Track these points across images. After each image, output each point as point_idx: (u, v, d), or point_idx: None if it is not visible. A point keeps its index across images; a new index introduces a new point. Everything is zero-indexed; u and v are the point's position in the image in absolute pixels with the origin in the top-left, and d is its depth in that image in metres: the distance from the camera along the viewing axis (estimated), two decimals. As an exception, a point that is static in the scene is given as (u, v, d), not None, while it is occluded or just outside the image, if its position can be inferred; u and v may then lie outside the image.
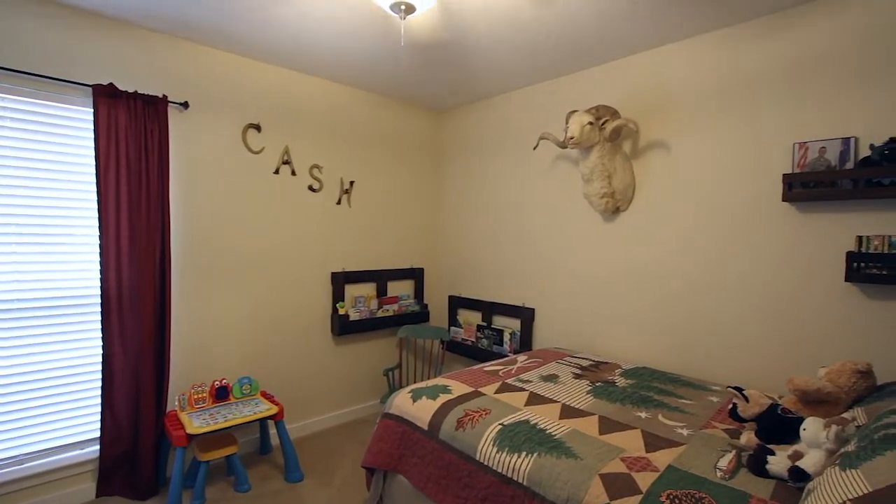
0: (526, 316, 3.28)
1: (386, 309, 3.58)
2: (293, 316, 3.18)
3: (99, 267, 2.30)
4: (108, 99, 2.28)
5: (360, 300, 3.45)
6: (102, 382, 2.34)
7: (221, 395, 2.61)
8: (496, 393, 2.08)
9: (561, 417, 1.81)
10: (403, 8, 1.89)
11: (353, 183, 3.44)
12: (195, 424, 2.33)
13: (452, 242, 3.95)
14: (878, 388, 1.66)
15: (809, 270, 2.09)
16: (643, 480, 1.36)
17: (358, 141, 3.46)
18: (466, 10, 2.19)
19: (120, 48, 2.40)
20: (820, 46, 2.06)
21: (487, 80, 3.18)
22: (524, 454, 1.57)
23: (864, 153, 1.91)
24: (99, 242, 2.29)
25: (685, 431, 1.68)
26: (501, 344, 3.37)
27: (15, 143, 2.17)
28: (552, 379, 2.29)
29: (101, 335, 2.32)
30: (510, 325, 3.42)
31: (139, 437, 2.41)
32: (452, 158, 3.94)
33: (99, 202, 2.27)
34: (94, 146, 2.25)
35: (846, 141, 1.95)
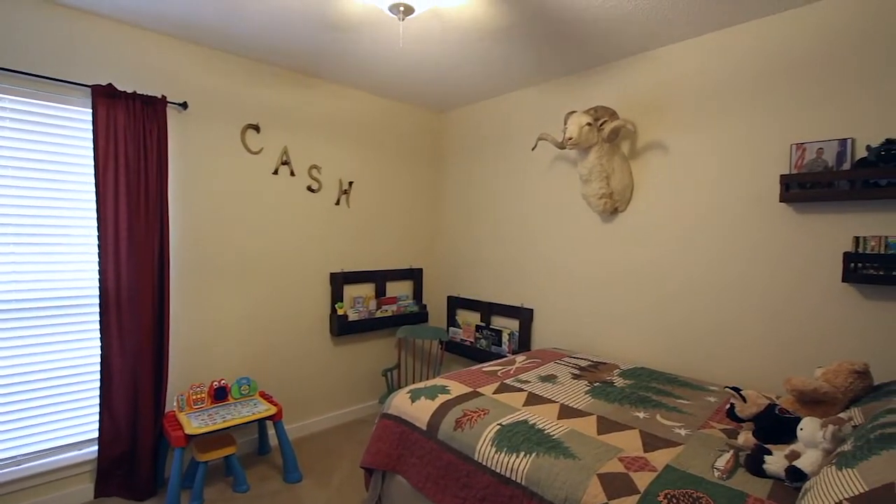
0: (524, 316, 3.29)
1: (385, 309, 3.59)
2: (292, 316, 3.18)
3: (97, 267, 2.30)
4: (106, 99, 2.28)
5: (358, 300, 3.45)
6: (101, 383, 2.33)
7: (220, 395, 2.61)
8: (495, 393, 2.08)
9: (559, 417, 1.82)
10: (402, 9, 1.89)
11: (351, 183, 3.44)
12: (194, 425, 2.33)
13: (451, 243, 3.95)
14: (874, 388, 1.67)
15: (807, 271, 2.10)
16: (641, 480, 1.36)
17: (357, 141, 3.46)
18: (465, 11, 2.19)
19: (119, 48, 2.40)
20: (817, 48, 2.07)
21: (486, 80, 3.18)
22: (522, 454, 1.57)
23: (860, 154, 1.92)
24: (97, 242, 2.29)
25: (683, 431, 1.69)
26: (500, 344, 3.37)
27: (14, 143, 2.17)
28: (551, 379, 2.29)
29: (99, 335, 2.32)
30: (509, 325, 3.42)
31: (138, 437, 2.41)
32: (451, 159, 3.94)
33: (98, 202, 2.27)
34: (92, 146, 2.25)
35: (843, 142, 1.96)
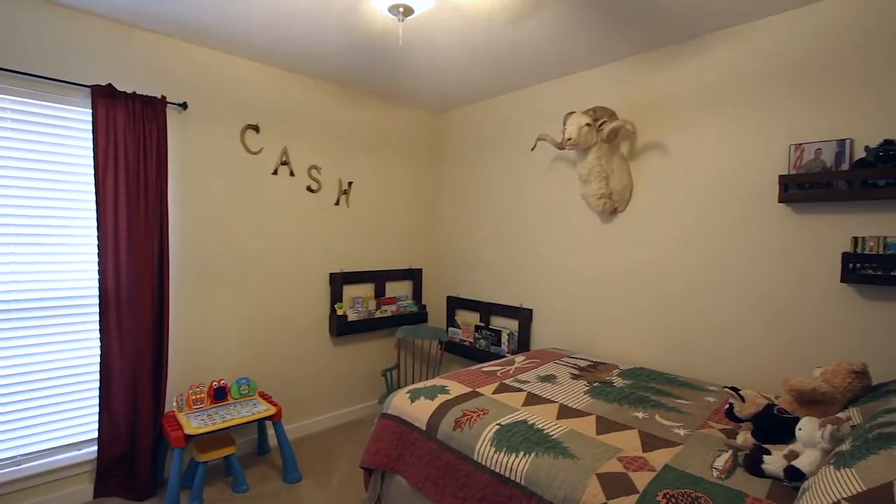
0: (524, 316, 3.29)
1: (384, 309, 3.59)
2: (291, 316, 3.18)
3: (97, 267, 2.30)
4: (106, 99, 2.28)
5: (358, 301, 3.45)
6: (100, 383, 2.33)
7: (219, 395, 2.61)
8: (494, 393, 2.08)
9: (558, 417, 1.82)
10: (402, 10, 1.90)
11: (351, 184, 3.44)
12: (193, 425, 2.33)
13: (451, 243, 3.95)
14: (873, 388, 1.67)
15: (805, 271, 2.11)
16: (640, 480, 1.37)
17: (356, 142, 3.47)
18: (464, 12, 2.20)
19: (119, 49, 2.40)
20: (816, 49, 2.07)
21: (485, 81, 3.18)
22: (521, 454, 1.57)
23: (859, 155, 1.92)
24: (97, 242, 2.29)
25: (682, 431, 1.69)
26: (499, 344, 3.37)
27: (14, 143, 2.17)
28: (550, 379, 2.29)
29: (98, 335, 2.32)
30: (508, 325, 3.42)
31: (137, 437, 2.41)
32: (451, 159, 3.95)
33: (97, 202, 2.27)
34: (92, 146, 2.25)
35: (841, 143, 1.97)
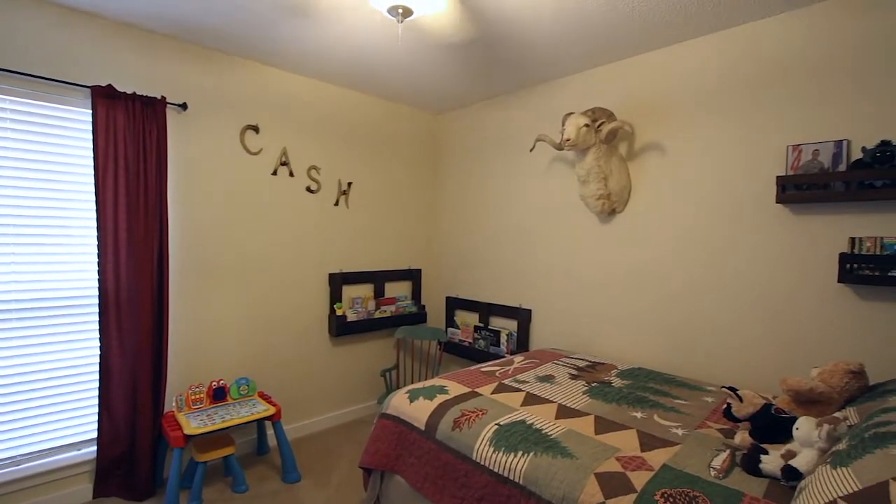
0: (523, 317, 3.29)
1: (383, 310, 3.59)
2: (291, 317, 3.18)
3: (97, 267, 2.30)
4: (106, 100, 2.28)
5: (357, 301, 3.46)
6: (100, 383, 2.34)
7: (219, 395, 2.62)
8: (493, 393, 2.09)
9: (557, 417, 1.82)
10: (401, 11, 1.90)
11: (350, 184, 3.45)
12: (193, 425, 2.34)
13: (450, 243, 3.96)
14: (870, 388, 1.68)
15: (803, 272, 2.11)
16: (638, 479, 1.37)
17: (356, 142, 3.47)
18: (463, 13, 2.20)
19: (119, 49, 2.41)
20: (813, 50, 2.08)
21: (484, 82, 3.19)
22: (520, 454, 1.57)
23: (856, 156, 1.93)
24: (97, 243, 2.29)
25: (680, 431, 1.69)
26: (498, 345, 3.38)
27: (14, 143, 2.17)
28: (548, 379, 2.30)
29: (98, 335, 2.33)
30: (507, 326, 3.43)
31: (136, 437, 2.41)
32: (450, 160, 3.95)
33: (97, 203, 2.27)
34: (92, 147, 2.26)
35: (839, 144, 1.98)
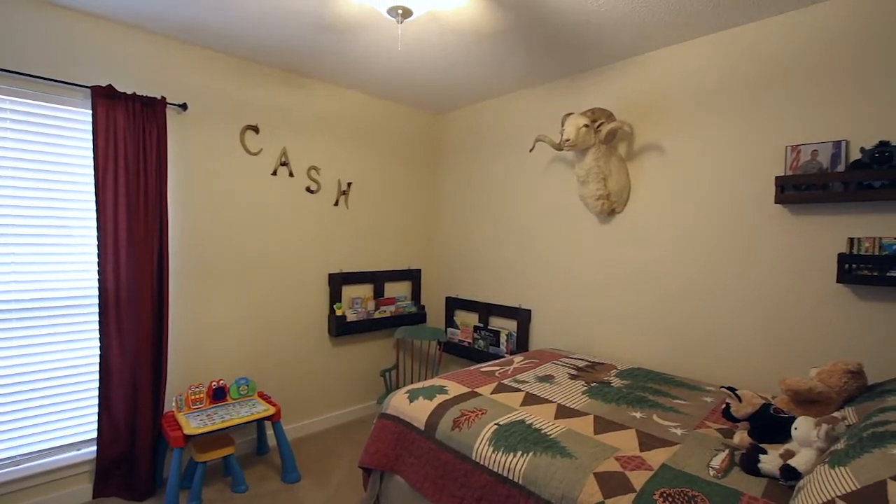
0: (522, 317, 3.30)
1: (383, 310, 3.60)
2: (291, 317, 3.18)
3: (97, 267, 2.30)
4: (106, 100, 2.29)
5: (357, 301, 3.46)
6: (100, 383, 2.34)
7: (219, 395, 2.62)
8: (492, 393, 2.09)
9: (556, 417, 1.82)
10: (401, 12, 1.91)
11: (350, 184, 3.45)
12: (192, 425, 2.34)
13: (450, 244, 3.96)
14: (868, 387, 1.68)
15: (802, 272, 2.12)
16: (637, 479, 1.37)
17: (356, 142, 3.48)
18: (463, 14, 2.21)
19: (119, 50, 2.41)
20: (812, 51, 2.08)
21: (484, 82, 3.20)
22: (519, 454, 1.58)
23: (854, 156, 1.94)
24: (97, 243, 2.29)
25: (679, 431, 1.70)
26: (498, 345, 3.38)
27: (14, 143, 2.18)
28: (548, 379, 2.30)
29: (98, 335, 2.33)
30: (507, 326, 3.43)
31: (136, 437, 2.42)
32: (449, 160, 3.96)
33: (97, 203, 2.28)
34: (92, 147, 2.26)
35: (837, 144, 1.98)
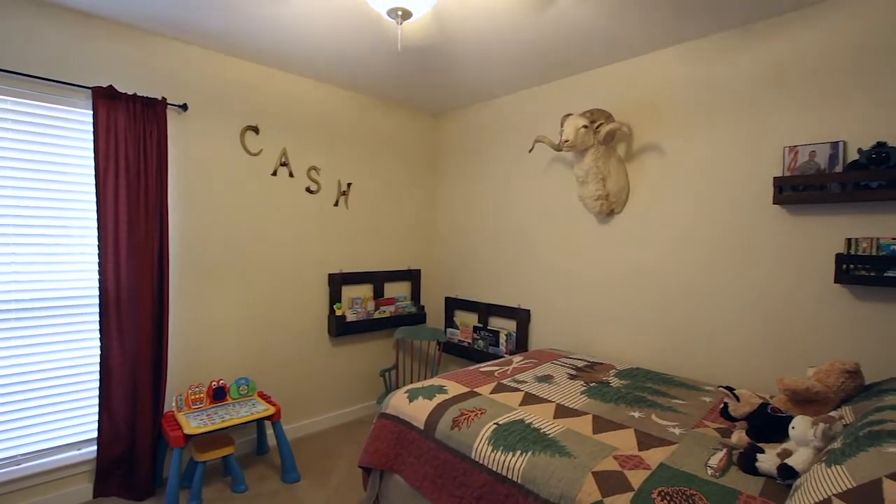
0: (522, 317, 3.30)
1: (383, 310, 3.60)
2: (290, 317, 3.19)
3: (97, 267, 2.31)
4: (107, 101, 2.29)
5: (356, 301, 3.46)
6: (100, 383, 2.34)
7: (219, 395, 2.62)
8: (492, 393, 2.10)
9: (555, 417, 1.83)
10: (400, 14, 1.91)
11: (350, 185, 3.46)
12: (192, 425, 2.34)
13: (449, 244, 3.97)
14: (865, 387, 1.69)
15: (800, 272, 2.13)
16: (635, 478, 1.38)
17: (355, 143, 3.48)
18: (462, 15, 2.22)
19: (119, 51, 2.42)
20: (810, 53, 2.09)
21: (484, 83, 3.21)
22: (519, 453, 1.58)
23: (852, 157, 1.95)
24: (98, 243, 2.30)
25: (677, 430, 1.71)
26: (497, 345, 3.39)
27: (15, 144, 2.18)
28: (547, 379, 2.31)
29: (98, 335, 2.33)
30: (506, 326, 3.44)
31: (136, 437, 2.42)
32: (449, 160, 3.96)
33: (98, 203, 2.28)
34: (93, 147, 2.27)
35: (835, 145, 1.99)
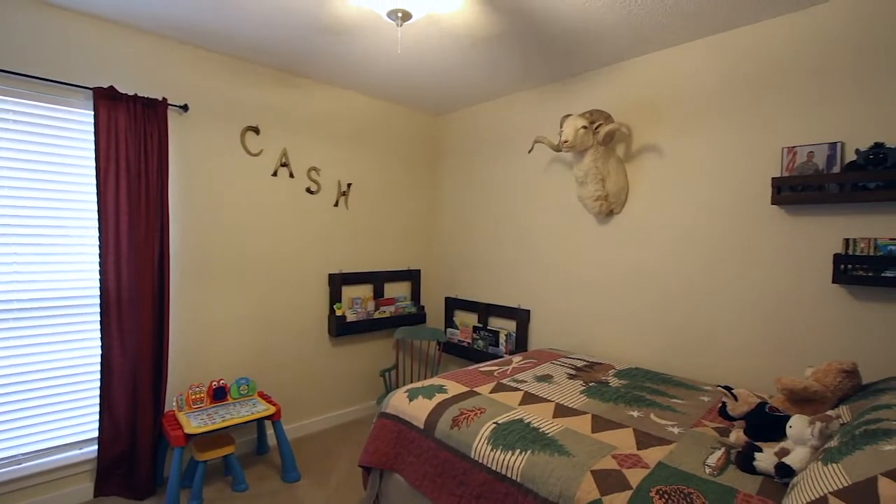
0: (521, 317, 3.31)
1: (383, 310, 3.61)
2: (291, 317, 3.20)
3: (98, 267, 2.32)
4: (108, 101, 2.30)
5: (356, 301, 3.47)
6: (101, 382, 2.35)
7: (219, 395, 2.63)
8: (491, 392, 2.10)
9: (554, 416, 1.84)
10: (400, 15, 1.92)
11: (350, 185, 3.47)
12: (193, 424, 2.35)
13: (449, 244, 3.98)
14: (863, 387, 1.70)
15: (798, 272, 2.14)
16: (634, 477, 1.39)
17: (356, 143, 3.49)
18: (461, 17, 2.23)
19: (121, 51, 2.43)
20: (809, 53, 2.10)
21: (483, 84, 3.21)
22: (518, 452, 1.59)
23: (850, 157, 1.95)
24: (98, 243, 2.31)
25: (676, 430, 1.71)
26: (497, 345, 3.40)
27: (16, 144, 2.19)
28: (546, 379, 2.31)
29: (99, 335, 2.34)
30: (506, 326, 3.45)
31: (137, 437, 2.43)
32: (449, 161, 3.97)
33: (99, 203, 2.29)
34: (94, 148, 2.27)
35: (833, 146, 2.00)
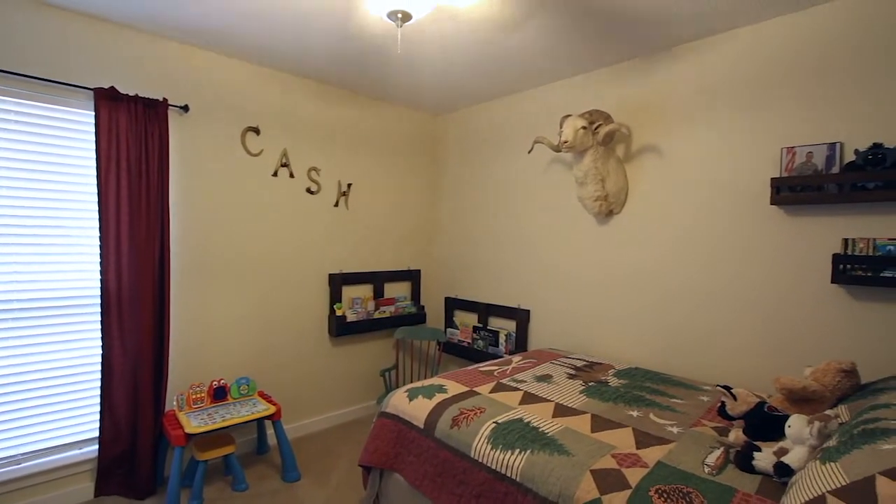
0: (521, 317, 3.32)
1: (383, 310, 3.61)
2: (291, 317, 3.20)
3: (99, 267, 2.32)
4: (109, 102, 2.31)
5: (356, 301, 3.48)
6: (101, 382, 2.36)
7: (219, 395, 2.64)
8: (491, 392, 2.11)
9: (554, 416, 1.84)
10: (400, 16, 1.93)
11: (350, 185, 3.47)
12: (193, 424, 2.36)
13: (449, 244, 3.98)
14: (862, 386, 1.70)
15: (797, 272, 2.14)
16: (633, 476, 1.39)
17: (356, 143, 3.50)
18: (462, 16, 2.23)
19: (121, 52, 2.43)
20: (808, 53, 2.11)
21: (483, 84, 3.22)
22: (517, 451, 1.60)
23: (849, 158, 1.96)
24: (99, 243, 2.31)
25: (675, 429, 1.72)
26: (497, 345, 3.40)
27: (17, 144, 2.20)
28: (546, 379, 2.32)
29: (100, 335, 2.35)
30: (506, 326, 3.45)
31: (138, 436, 2.43)
32: (449, 161, 3.98)
33: (99, 203, 2.30)
34: (95, 148, 2.28)
35: (832, 146, 2.00)
